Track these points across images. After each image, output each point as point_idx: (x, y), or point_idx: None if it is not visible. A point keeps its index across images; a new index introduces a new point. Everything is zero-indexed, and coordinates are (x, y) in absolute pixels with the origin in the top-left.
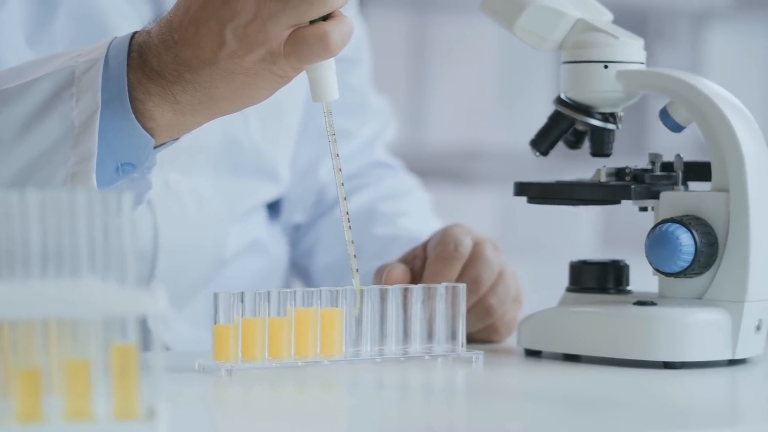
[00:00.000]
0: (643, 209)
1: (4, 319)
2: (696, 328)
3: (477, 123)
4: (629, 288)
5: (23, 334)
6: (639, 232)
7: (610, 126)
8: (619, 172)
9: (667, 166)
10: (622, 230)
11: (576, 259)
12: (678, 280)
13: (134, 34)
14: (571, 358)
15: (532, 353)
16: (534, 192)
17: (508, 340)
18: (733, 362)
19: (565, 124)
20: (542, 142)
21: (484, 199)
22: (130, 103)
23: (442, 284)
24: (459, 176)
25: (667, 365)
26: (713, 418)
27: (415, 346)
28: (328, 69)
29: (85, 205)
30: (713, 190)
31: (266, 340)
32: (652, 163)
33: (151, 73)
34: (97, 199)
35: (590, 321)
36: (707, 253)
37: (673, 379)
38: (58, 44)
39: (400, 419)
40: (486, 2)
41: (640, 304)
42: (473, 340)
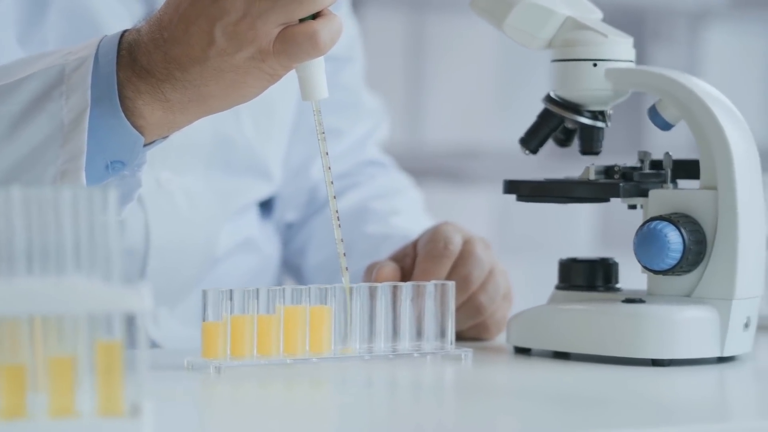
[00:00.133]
0: (632, 207)
1: None
2: (684, 325)
3: (474, 122)
4: (618, 286)
5: (8, 331)
6: (635, 231)
7: (599, 124)
8: (608, 170)
9: (657, 164)
10: (618, 229)
11: (565, 257)
12: (666, 278)
13: (124, 32)
14: (561, 356)
15: (522, 351)
16: (523, 190)
17: (498, 338)
18: (721, 360)
19: (555, 122)
20: (532, 140)
21: (481, 199)
22: (119, 102)
23: (431, 282)
24: (456, 175)
25: (656, 363)
26: (700, 414)
27: (404, 344)
28: (317, 67)
29: (71, 203)
30: (702, 188)
31: (255, 338)
32: (641, 161)
33: (141, 72)
34: (82, 197)
35: (579, 319)
36: (695, 251)
37: (661, 377)
38: (49, 43)
39: (389, 417)
40: (475, 0)
41: (628, 301)
42: (463, 338)
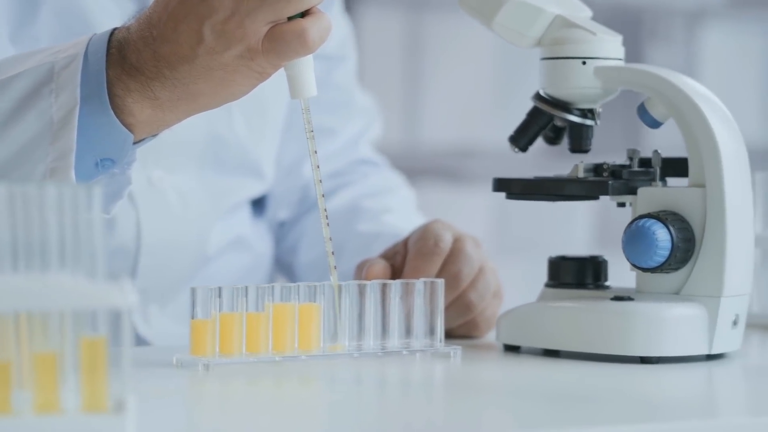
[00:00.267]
0: (621, 205)
1: None
2: (672, 323)
3: (472, 122)
4: (608, 283)
5: None
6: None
7: (589, 122)
8: (597, 168)
9: (646, 162)
10: (615, 228)
11: (555, 255)
12: (655, 276)
13: (114, 30)
14: (551, 354)
15: (511, 348)
16: (512, 188)
17: (488, 336)
18: (710, 357)
19: (544, 120)
20: (521, 138)
21: (479, 198)
22: (109, 99)
23: (421, 280)
24: (454, 175)
25: (644, 360)
26: (688, 411)
27: (394, 342)
28: (306, 66)
29: (55, 200)
30: (690, 186)
31: (244, 335)
32: (630, 158)
33: (130, 70)
34: (67, 194)
35: (568, 316)
36: (684, 249)
37: (650, 374)
38: (41, 41)
39: (378, 414)
40: None
41: (617, 299)
42: (453, 335)
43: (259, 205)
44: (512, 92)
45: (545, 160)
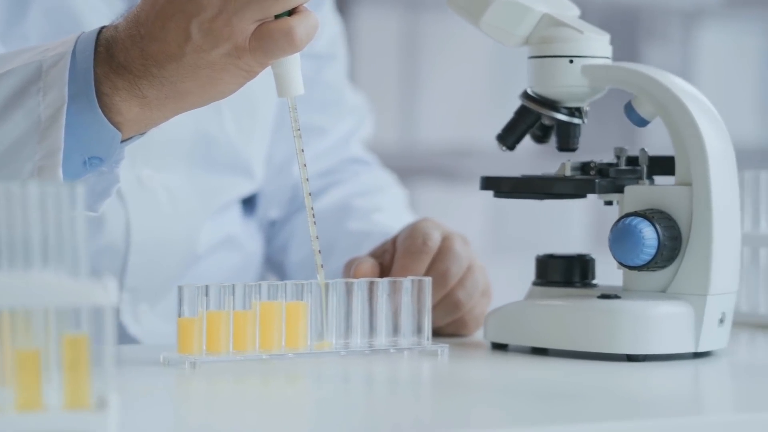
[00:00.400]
0: (608, 203)
1: None
2: (658, 321)
3: (468, 121)
4: (595, 281)
5: None
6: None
7: (576, 120)
8: (584, 166)
9: (633, 161)
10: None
11: (542, 253)
12: (641, 274)
13: (102, 28)
14: (539, 352)
15: (499, 346)
16: (499, 186)
17: (476, 334)
18: (697, 355)
19: (531, 119)
20: (508, 137)
21: (475, 197)
22: (96, 98)
23: (408, 278)
24: (450, 174)
25: (630, 358)
26: (673, 408)
27: (381, 340)
28: (293, 64)
29: (38, 198)
30: (677, 184)
31: (231, 334)
32: (617, 157)
33: (118, 68)
34: (50, 193)
35: (555, 314)
36: (670, 247)
37: (636, 371)
38: (30, 40)
39: (366, 412)
40: None
41: (604, 297)
42: (442, 333)
43: (249, 204)
44: (508, 92)
45: (541, 160)
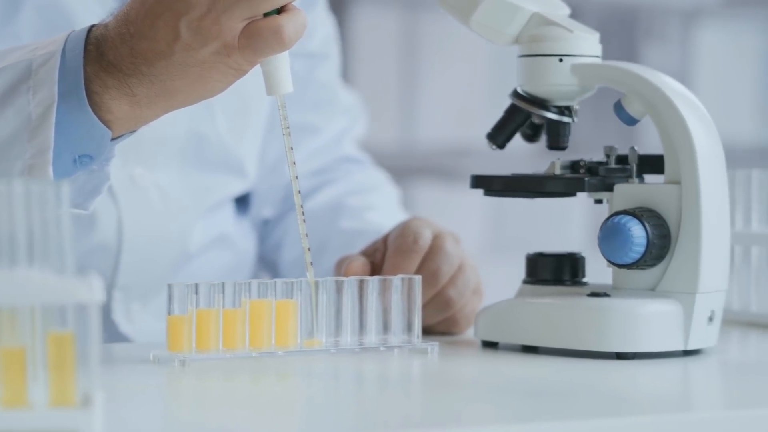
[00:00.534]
0: (598, 201)
1: None
2: (648, 319)
3: (467, 121)
4: (585, 280)
5: None
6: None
7: (566, 119)
8: (573, 165)
9: (623, 159)
10: None
11: (532, 251)
12: (631, 272)
13: (92, 27)
14: (529, 350)
15: (489, 344)
16: (489, 185)
17: (467, 332)
18: (687, 353)
19: (521, 118)
20: (498, 136)
21: (474, 197)
22: (86, 96)
23: (398, 276)
24: (449, 174)
25: (620, 356)
26: (662, 405)
27: (371, 338)
28: (282, 62)
29: (23, 197)
30: (666, 183)
31: (221, 332)
32: (607, 155)
33: (108, 66)
34: (35, 191)
35: (544, 312)
36: (659, 245)
37: (625, 369)
38: (22, 39)
39: (356, 409)
40: None
41: (593, 295)
42: (433, 332)
43: (243, 202)
44: (507, 92)
45: (541, 160)
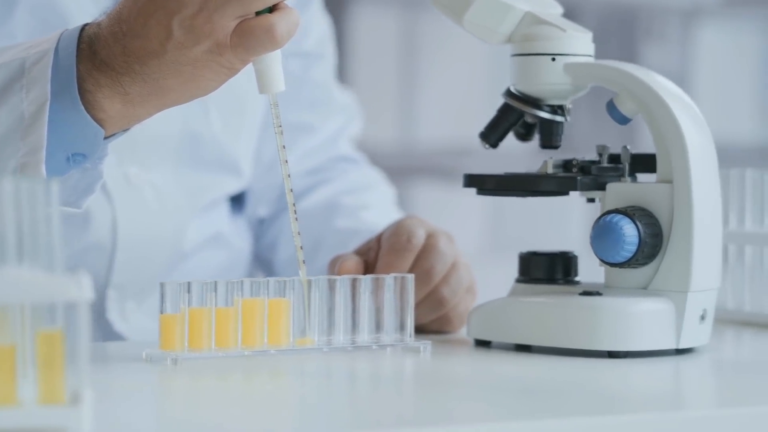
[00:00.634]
0: (591, 200)
1: None
2: (639, 317)
3: (466, 120)
4: (578, 278)
5: None
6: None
7: (559, 118)
8: (566, 164)
9: (615, 158)
10: None
11: (525, 251)
12: (623, 271)
13: (85, 26)
14: (522, 348)
15: (482, 343)
16: (482, 184)
17: (460, 331)
18: (679, 352)
19: (514, 117)
20: (491, 135)
21: (474, 197)
22: (79, 95)
23: (391, 275)
24: (449, 173)
25: (612, 354)
26: (654, 403)
27: (364, 336)
28: (274, 61)
29: (13, 194)
30: (658, 182)
31: (213, 330)
32: (599, 154)
33: (101, 65)
34: (24, 189)
35: (537, 311)
36: (651, 244)
37: (617, 368)
38: (17, 39)
39: (348, 408)
40: None
41: (585, 294)
42: (426, 330)
43: (238, 201)
44: None
45: (540, 159)
